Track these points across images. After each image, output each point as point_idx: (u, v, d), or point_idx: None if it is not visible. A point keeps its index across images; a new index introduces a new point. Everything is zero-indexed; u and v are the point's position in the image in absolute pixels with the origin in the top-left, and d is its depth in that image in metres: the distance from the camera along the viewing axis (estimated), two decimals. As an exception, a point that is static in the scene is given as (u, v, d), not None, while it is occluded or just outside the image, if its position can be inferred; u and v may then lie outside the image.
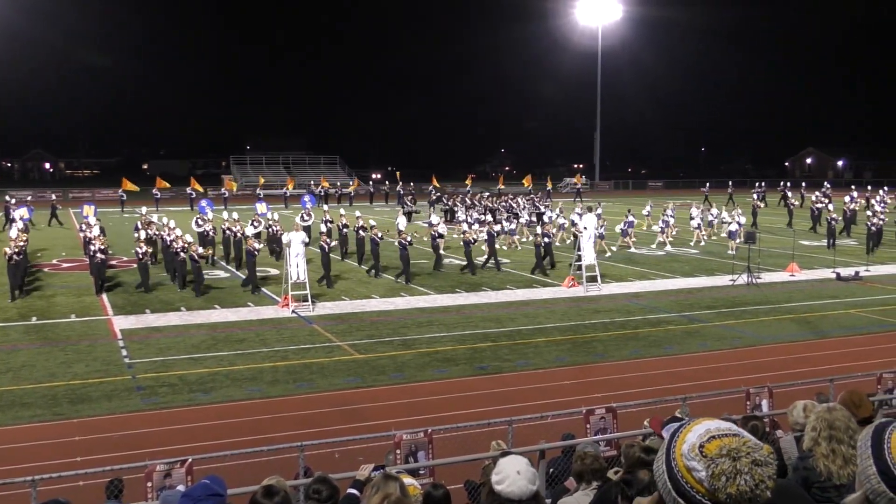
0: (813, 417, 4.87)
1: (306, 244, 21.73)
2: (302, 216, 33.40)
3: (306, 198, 43.09)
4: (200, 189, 51.81)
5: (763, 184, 55.93)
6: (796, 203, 45.81)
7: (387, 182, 62.19)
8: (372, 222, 27.28)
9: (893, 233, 35.85)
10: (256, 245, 23.86)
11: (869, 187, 53.35)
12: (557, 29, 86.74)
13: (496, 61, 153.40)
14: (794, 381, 12.08)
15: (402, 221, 30.90)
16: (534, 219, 39.10)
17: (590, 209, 33.53)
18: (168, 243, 24.63)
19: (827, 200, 41.45)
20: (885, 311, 20.74)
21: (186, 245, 23.28)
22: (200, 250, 23.72)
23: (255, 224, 31.08)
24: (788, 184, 54.28)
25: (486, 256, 27.70)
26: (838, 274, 26.01)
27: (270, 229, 30.67)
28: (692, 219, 35.89)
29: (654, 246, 33.54)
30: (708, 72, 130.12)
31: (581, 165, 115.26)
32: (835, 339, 18.12)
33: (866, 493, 2.16)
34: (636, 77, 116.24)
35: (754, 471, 1.89)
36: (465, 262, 26.97)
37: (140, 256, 23.32)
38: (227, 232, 28.90)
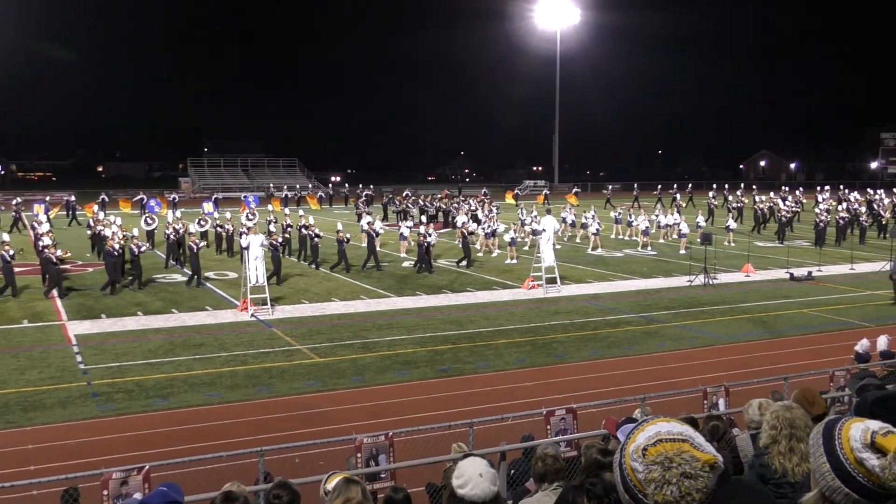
0: (771, 416, 4.95)
1: (265, 247, 21.57)
2: (247, 215, 34.43)
3: (250, 197, 43.39)
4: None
5: (727, 185, 57.32)
6: (742, 202, 46.83)
7: (346, 185, 61.95)
8: (311, 220, 28.99)
9: (834, 232, 36.67)
10: (199, 241, 24.98)
11: (820, 188, 54.78)
12: (516, 32, 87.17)
13: (456, 64, 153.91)
14: (749, 379, 12.27)
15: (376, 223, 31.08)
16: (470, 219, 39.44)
17: (548, 212, 33.73)
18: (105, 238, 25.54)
19: (780, 202, 42.58)
20: (837, 310, 21.18)
21: (124, 240, 24.62)
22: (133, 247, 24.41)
23: (202, 223, 32.10)
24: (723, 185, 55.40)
25: (417, 259, 28.25)
26: (792, 274, 26.51)
27: (218, 229, 31.71)
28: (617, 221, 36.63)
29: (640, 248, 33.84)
30: (664, 76, 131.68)
31: (540, 168, 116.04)
32: (789, 337, 18.45)
33: (822, 491, 2.17)
34: (594, 80, 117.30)
35: (682, 483, 1.90)
36: (414, 261, 27.93)
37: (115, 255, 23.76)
38: (169, 230, 29.09)
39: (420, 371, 15.63)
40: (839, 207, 41.53)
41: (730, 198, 49.93)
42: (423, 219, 36.05)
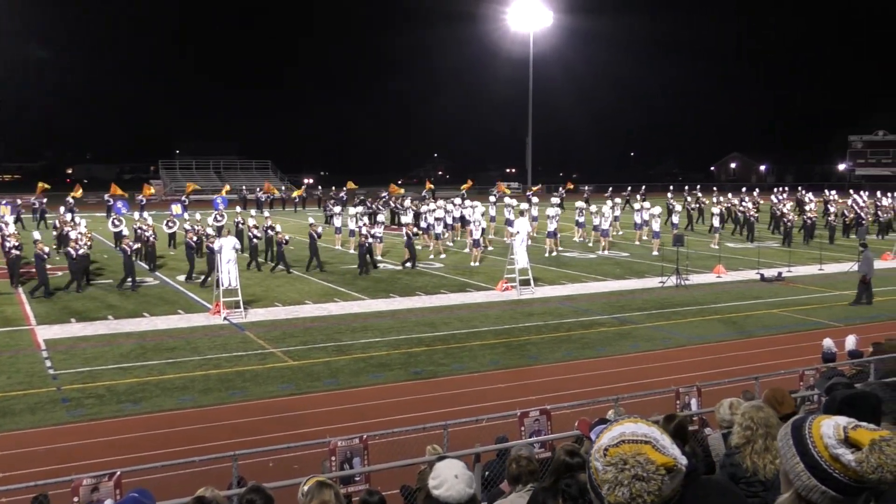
0: (743, 416, 5.02)
1: (238, 250, 21.44)
2: (215, 217, 34.75)
3: (218, 199, 43.75)
4: (122, 194, 50.67)
5: (686, 187, 57.97)
6: (702, 204, 47.65)
7: (320, 187, 61.68)
8: (278, 227, 29.25)
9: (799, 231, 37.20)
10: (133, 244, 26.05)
11: (778, 189, 55.83)
12: (489, 34, 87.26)
13: (430, 66, 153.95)
14: (721, 379, 12.38)
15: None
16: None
17: (521, 213, 33.86)
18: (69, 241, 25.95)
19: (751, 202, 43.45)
20: (807, 310, 21.45)
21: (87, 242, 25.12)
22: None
23: (170, 224, 32.55)
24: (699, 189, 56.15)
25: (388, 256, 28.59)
26: (762, 275, 26.80)
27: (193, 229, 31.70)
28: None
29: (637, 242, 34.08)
30: (637, 78, 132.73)
31: (513, 170, 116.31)
32: (759, 338, 18.65)
33: (798, 491, 2.18)
34: (567, 83, 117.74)
35: (633, 485, 1.92)
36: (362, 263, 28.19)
37: (74, 256, 23.83)
38: (139, 231, 29.40)
39: (394, 373, 15.61)
40: (806, 208, 42.36)
41: (688, 198, 50.71)
42: (380, 219, 36.35)
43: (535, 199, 43.82)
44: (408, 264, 28.77)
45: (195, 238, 27.11)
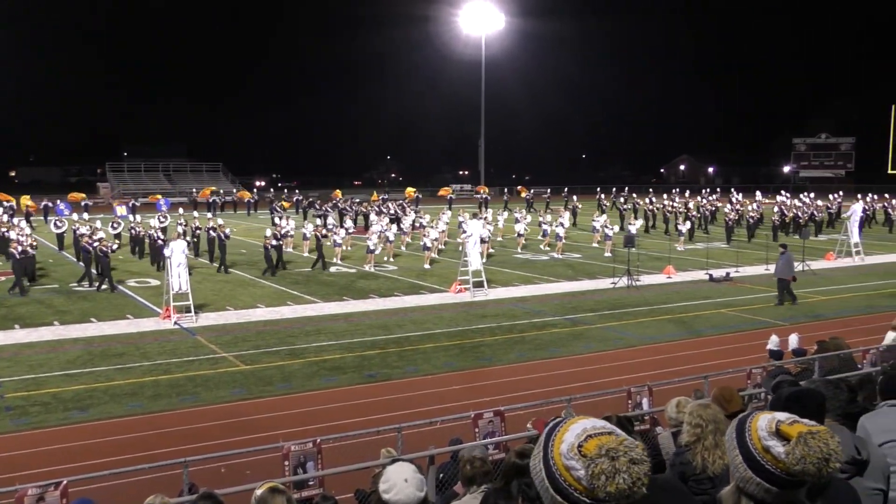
0: (691, 415, 5.10)
1: (187, 254, 21.18)
2: (158, 218, 35.42)
3: (161, 201, 43.98)
4: (82, 196, 50.12)
5: (614, 189, 59.34)
6: (637, 204, 49.11)
7: (271, 189, 61.12)
8: (220, 221, 29.75)
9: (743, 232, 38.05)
10: (93, 242, 25.96)
11: (709, 190, 57.50)
12: (441, 37, 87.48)
13: (382, 68, 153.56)
14: (672, 378, 12.56)
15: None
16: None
17: (474, 215, 33.99)
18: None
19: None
20: (754, 310, 21.87)
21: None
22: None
23: (115, 225, 32.67)
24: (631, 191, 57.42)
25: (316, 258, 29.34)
26: (711, 275, 27.26)
27: (132, 231, 32.85)
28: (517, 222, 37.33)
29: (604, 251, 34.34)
30: (588, 81, 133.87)
31: (466, 172, 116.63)
32: (708, 337, 18.97)
33: (737, 483, 2.28)
34: (520, 86, 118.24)
35: (632, 469, 1.94)
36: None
37: (17, 257, 23.70)
38: (77, 233, 29.79)
39: (348, 377, 15.54)
40: (749, 208, 43.65)
41: (621, 199, 52.16)
42: (318, 221, 36.58)
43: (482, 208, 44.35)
44: (318, 265, 29.10)
45: (93, 243, 26.21)
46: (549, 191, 68.12)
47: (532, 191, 63.99)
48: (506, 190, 64.96)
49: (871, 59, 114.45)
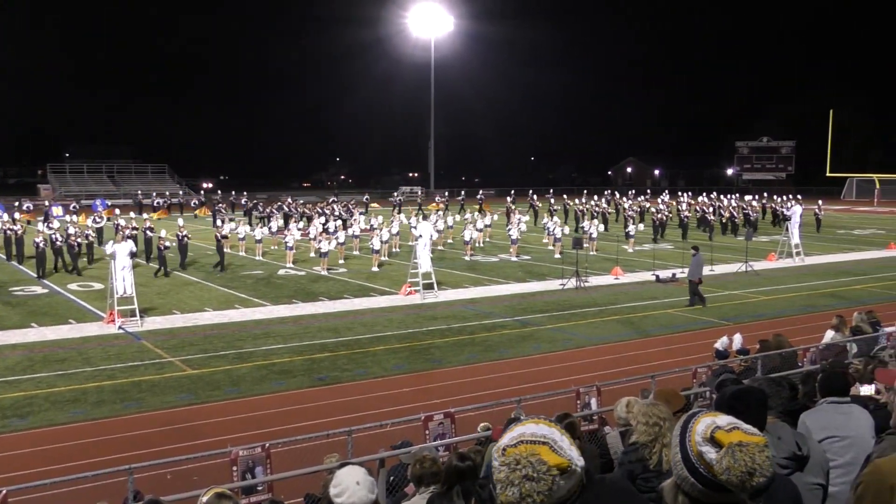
0: (643, 415, 5.17)
1: (133, 255, 20.78)
2: (94, 219, 35.61)
3: (97, 202, 43.79)
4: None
5: (551, 190, 60.50)
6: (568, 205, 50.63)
7: (219, 191, 60.28)
8: (163, 232, 29.06)
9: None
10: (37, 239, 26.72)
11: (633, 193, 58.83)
12: (390, 39, 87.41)
13: (331, 69, 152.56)
14: (620, 378, 12.73)
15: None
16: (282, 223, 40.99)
17: (425, 217, 34.00)
18: None
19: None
20: (699, 310, 22.25)
21: None
22: None
23: (50, 226, 32.84)
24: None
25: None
26: (657, 276, 27.68)
27: (67, 231, 32.43)
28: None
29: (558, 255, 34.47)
30: (537, 84, 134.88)
31: (416, 174, 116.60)
32: (655, 337, 19.25)
33: (676, 480, 2.34)
34: (469, 88, 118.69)
35: (523, 484, 1.98)
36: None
37: None
38: (9, 232, 30.56)
39: (297, 380, 15.41)
40: (678, 208, 45.15)
41: (552, 200, 53.83)
42: (219, 223, 37.08)
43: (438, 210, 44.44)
44: (217, 267, 29.02)
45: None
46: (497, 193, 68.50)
47: (482, 193, 64.23)
48: (462, 193, 64.96)
49: (812, 64, 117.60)
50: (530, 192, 57.09)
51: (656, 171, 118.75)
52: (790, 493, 3.31)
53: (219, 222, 36.08)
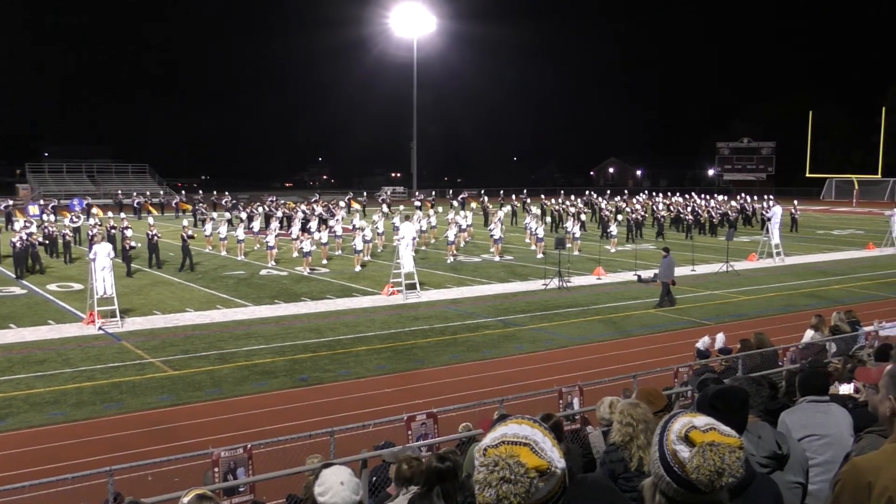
0: (622, 414, 5.19)
1: (113, 257, 20.62)
2: (71, 219, 35.77)
3: (75, 202, 43.88)
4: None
5: (525, 191, 60.89)
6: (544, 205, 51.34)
7: (200, 191, 59.94)
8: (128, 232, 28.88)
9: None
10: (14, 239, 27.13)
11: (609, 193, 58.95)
12: (373, 39, 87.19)
13: (313, 69, 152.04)
14: (602, 378, 12.77)
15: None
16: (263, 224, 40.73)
17: (407, 217, 33.99)
18: None
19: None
20: (680, 310, 22.37)
21: None
22: None
23: (27, 224, 33.08)
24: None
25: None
26: (639, 276, 27.79)
27: (45, 230, 33.24)
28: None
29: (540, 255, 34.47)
30: (520, 84, 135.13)
31: (399, 174, 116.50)
32: (637, 337, 19.33)
33: (654, 479, 2.35)
34: (452, 88, 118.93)
35: (500, 486, 1.98)
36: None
37: None
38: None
39: (279, 381, 15.35)
40: (653, 208, 46.34)
41: (528, 200, 54.60)
42: (185, 223, 36.89)
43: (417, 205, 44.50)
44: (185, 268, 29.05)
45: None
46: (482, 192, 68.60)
47: (465, 193, 64.21)
48: (450, 192, 65.08)
49: (792, 65, 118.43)
50: (501, 192, 57.84)
51: (638, 172, 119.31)
52: (771, 491, 3.34)
53: (185, 222, 35.70)
